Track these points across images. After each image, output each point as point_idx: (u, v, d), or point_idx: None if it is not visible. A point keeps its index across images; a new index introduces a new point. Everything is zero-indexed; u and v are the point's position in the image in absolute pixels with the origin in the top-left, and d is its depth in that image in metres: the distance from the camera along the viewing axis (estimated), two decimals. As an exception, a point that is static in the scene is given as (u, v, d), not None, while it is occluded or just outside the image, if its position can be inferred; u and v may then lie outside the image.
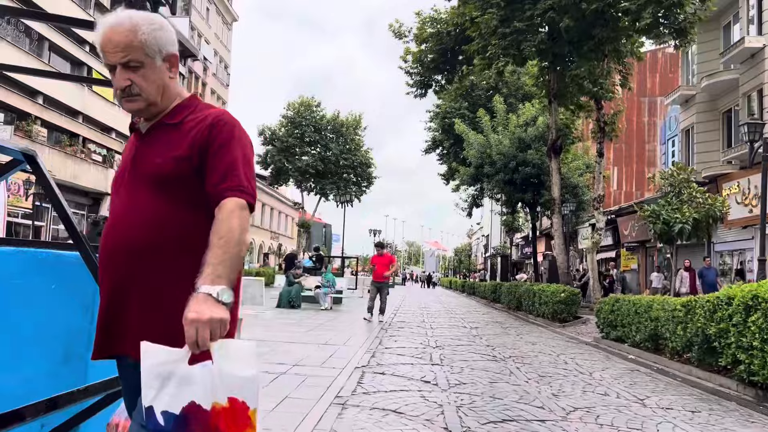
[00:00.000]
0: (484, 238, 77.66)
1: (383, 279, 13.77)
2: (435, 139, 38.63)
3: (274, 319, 12.74)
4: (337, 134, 49.89)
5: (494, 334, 12.25)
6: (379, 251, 14.34)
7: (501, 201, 29.75)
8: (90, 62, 28.67)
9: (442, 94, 28.26)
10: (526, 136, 25.50)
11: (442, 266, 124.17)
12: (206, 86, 43.91)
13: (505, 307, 23.34)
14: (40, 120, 24.90)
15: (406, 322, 14.24)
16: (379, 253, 14.28)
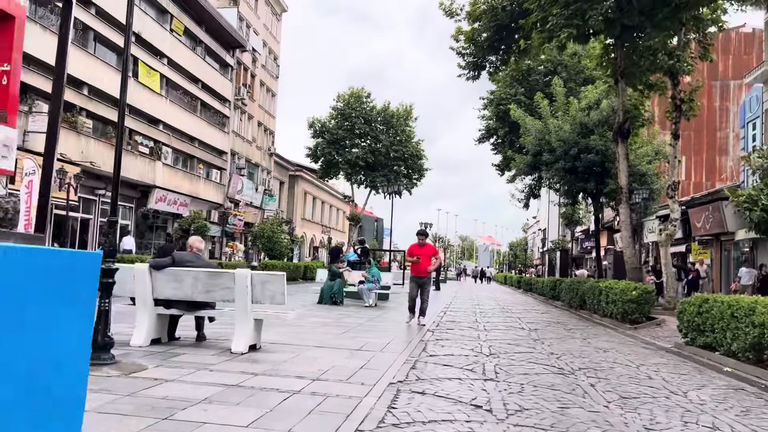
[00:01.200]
0: (541, 232, 75.05)
1: (425, 274, 11.62)
2: (489, 127, 36.94)
3: (308, 317, 11.59)
4: (387, 126, 48.61)
5: (557, 338, 10.73)
6: (421, 240, 11.94)
7: (560, 191, 27.85)
8: (136, 53, 28.30)
9: (497, 76, 26.57)
10: (588, 120, 23.62)
11: (497, 261, 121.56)
12: (255, 78, 43.40)
13: (565, 305, 21.59)
14: (85, 111, 24.62)
15: (457, 322, 12.85)
16: (421, 242, 11.90)
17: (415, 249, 11.79)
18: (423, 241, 11.97)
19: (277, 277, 6.72)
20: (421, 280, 11.62)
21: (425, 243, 12.03)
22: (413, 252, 11.73)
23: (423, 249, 11.72)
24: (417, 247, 11.80)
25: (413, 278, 11.75)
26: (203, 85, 35.07)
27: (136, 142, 28.53)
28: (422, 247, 11.78)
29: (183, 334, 7.77)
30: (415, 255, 11.58)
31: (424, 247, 11.83)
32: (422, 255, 11.54)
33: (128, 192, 28.94)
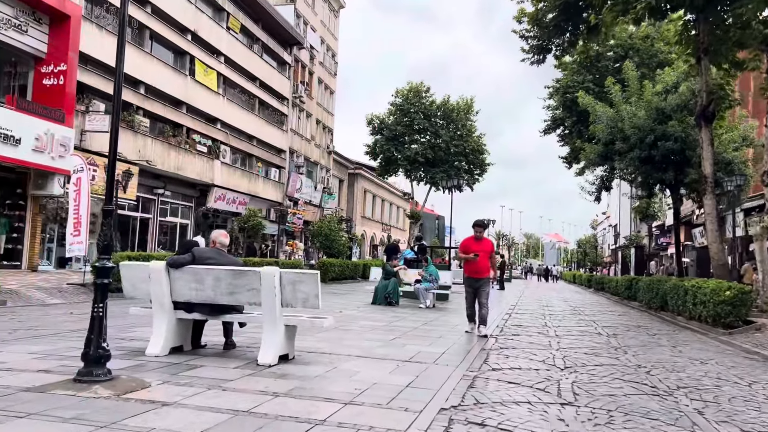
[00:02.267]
0: (612, 228, 71.70)
1: (484, 274, 9.53)
2: (555, 117, 35.06)
3: (358, 319, 10.60)
4: (447, 120, 47.27)
5: (642, 346, 9.31)
6: (478, 233, 9.77)
7: (635, 183, 25.85)
8: (193, 51, 28.21)
9: (563, 60, 24.96)
10: (665, 105, 21.65)
11: (564, 259, 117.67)
12: (313, 75, 42.99)
13: (643, 306, 19.81)
14: (142, 110, 24.59)
15: (524, 326, 11.56)
16: (478, 236, 9.73)
17: (471, 244, 9.66)
18: (480, 235, 9.81)
19: (310, 277, 5.73)
20: (477, 282, 9.53)
21: (483, 237, 9.87)
22: (469, 247, 9.63)
23: (480, 244, 9.63)
24: (473, 241, 9.69)
25: (468, 280, 9.67)
26: (261, 83, 34.83)
27: (193, 140, 28.43)
28: (479, 241, 9.68)
29: (211, 340, 6.92)
30: (471, 251, 9.52)
31: (482, 242, 9.71)
32: (480, 251, 9.48)
33: (187, 191, 28.92)
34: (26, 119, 17.91)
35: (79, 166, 15.21)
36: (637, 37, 31.53)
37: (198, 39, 28.56)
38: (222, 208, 30.34)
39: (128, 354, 6.00)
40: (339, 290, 22.42)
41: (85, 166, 15.43)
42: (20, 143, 17.58)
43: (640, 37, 31.61)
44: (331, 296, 18.18)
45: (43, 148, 18.44)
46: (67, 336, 7.28)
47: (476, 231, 9.85)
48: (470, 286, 9.69)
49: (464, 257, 9.80)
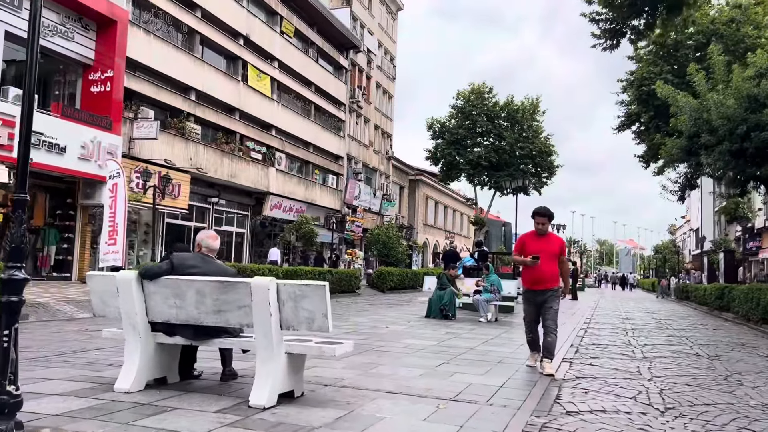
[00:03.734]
0: (692, 233, 67.06)
1: (550, 284, 6.77)
2: (630, 113, 32.46)
3: (404, 336, 9.09)
4: (511, 121, 45.30)
5: (758, 372, 7.38)
6: (541, 227, 6.94)
7: (724, 180, 23.16)
8: (245, 56, 27.62)
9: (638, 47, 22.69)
10: (759, 91, 19.07)
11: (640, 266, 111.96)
12: (371, 79, 41.94)
13: (739, 318, 17.38)
14: (193, 117, 24.06)
15: (603, 346, 9.75)
16: (540, 230, 6.96)
17: (530, 242, 6.96)
18: (544, 229, 6.97)
19: (315, 290, 4.31)
20: (540, 295, 6.77)
21: (547, 232, 7.04)
22: (526, 246, 6.95)
23: (543, 242, 6.88)
24: (533, 238, 6.98)
25: (527, 293, 7.00)
26: (316, 88, 34.01)
27: (247, 147, 27.77)
28: (542, 238, 6.93)
29: (213, 367, 5.61)
30: (529, 252, 6.81)
31: (546, 240, 6.93)
32: (542, 252, 6.74)
33: (242, 199, 28.28)
34: (72, 127, 17.49)
35: (116, 172, 14.49)
36: (720, 22, 28.71)
37: (250, 43, 27.96)
38: (279, 216, 29.55)
39: (94, 389, 4.76)
40: (395, 301, 21.00)
41: (122, 171, 14.69)
42: (66, 151, 17.14)
43: (724, 22, 28.76)
44: (384, 308, 16.77)
45: (90, 156, 17.99)
46: (41, 363, 6.15)
47: (537, 222, 6.92)
48: (530, 302, 6.91)
49: (520, 261, 6.99)
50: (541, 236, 6.99)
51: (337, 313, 14.25)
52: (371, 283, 29.00)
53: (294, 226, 26.69)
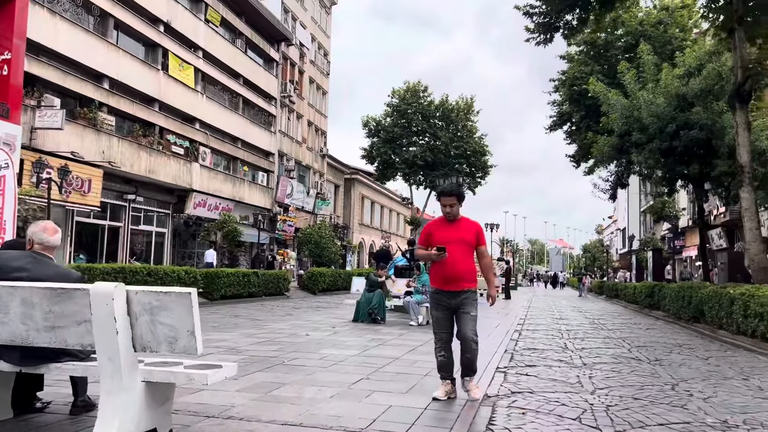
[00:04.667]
0: (619, 232, 69.07)
1: (464, 284, 5.18)
2: (561, 112, 32.61)
3: (325, 345, 8.08)
4: (446, 121, 45.13)
5: (703, 379, 6.80)
6: (449, 210, 5.28)
7: (653, 179, 23.35)
8: (166, 44, 25.90)
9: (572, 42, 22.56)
10: (687, 90, 19.21)
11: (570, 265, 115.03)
12: (304, 74, 40.66)
13: (670, 316, 17.29)
14: (106, 107, 22.23)
15: (539, 351, 9.07)
16: (449, 215, 5.31)
17: (437, 230, 5.31)
18: (454, 212, 5.28)
19: (178, 299, 3.26)
20: (455, 298, 5.16)
21: (458, 216, 5.34)
22: (432, 236, 5.28)
23: (454, 229, 5.25)
24: (440, 226, 5.34)
25: (437, 295, 5.27)
26: (245, 80, 32.49)
27: (168, 141, 26.05)
28: (451, 225, 5.29)
29: (67, 394, 4.45)
30: (435, 243, 5.19)
31: (457, 226, 5.28)
32: (453, 242, 5.16)
33: (163, 197, 26.52)
34: (-41, 114, 15.54)
35: (4, 162, 12.79)
36: (648, 24, 29.17)
37: (172, 31, 26.25)
38: (203, 215, 27.93)
39: None
40: (325, 303, 19.97)
41: (12, 162, 13.02)
42: (-50, 141, 15.19)
43: (652, 24, 29.25)
44: (311, 312, 15.72)
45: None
46: None
47: (444, 205, 5.26)
48: (441, 306, 5.22)
49: (424, 255, 5.30)
50: (451, 222, 5.27)
51: (257, 318, 13.10)
52: (302, 285, 27.84)
53: (216, 224, 25.16)
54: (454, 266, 5.14)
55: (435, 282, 5.29)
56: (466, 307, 5.16)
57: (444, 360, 5.22)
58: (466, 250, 5.24)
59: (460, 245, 5.19)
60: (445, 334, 5.25)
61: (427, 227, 5.45)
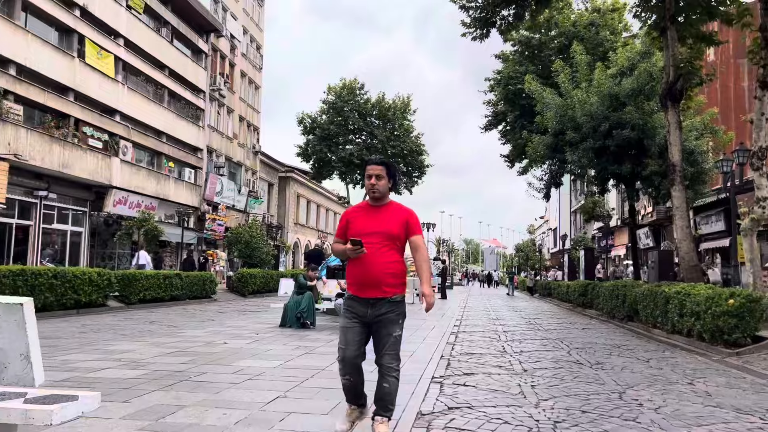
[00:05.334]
0: (551, 232, 70.65)
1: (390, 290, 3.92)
2: (496, 112, 32.65)
3: (244, 355, 7.20)
4: (383, 120, 44.60)
5: (649, 385, 6.38)
6: (374, 182, 4.02)
7: (586, 178, 23.55)
8: (82, 29, 24.12)
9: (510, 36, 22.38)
10: (620, 90, 19.34)
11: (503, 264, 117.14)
12: (235, 67, 39.16)
13: (604, 315, 17.28)
14: (13, 95, 20.39)
15: (477, 355, 8.52)
16: (377, 192, 4.05)
17: (358, 217, 4.12)
18: (381, 191, 4.06)
19: (6, 313, 2.41)
20: (374, 308, 3.94)
21: (386, 198, 4.13)
22: (351, 225, 4.10)
23: (378, 217, 4.05)
24: (362, 212, 4.15)
25: (352, 303, 4.02)
26: (171, 71, 30.83)
27: (85, 134, 24.26)
28: (377, 211, 4.09)
29: None
30: (353, 234, 4.01)
31: (383, 213, 4.07)
32: (375, 233, 3.96)
33: (79, 193, 24.69)
34: None
35: None
36: (581, 25, 29.55)
37: (89, 16, 24.48)
38: (125, 213, 26.21)
39: None
40: (253, 306, 18.95)
41: None
42: None
43: (584, 25, 29.65)
44: (235, 316, 14.72)
45: None
46: None
47: (369, 176, 4.08)
48: (354, 317, 3.99)
49: (339, 250, 4.12)
50: (377, 208, 4.04)
51: (174, 325, 12.04)
52: (231, 287, 26.60)
53: (135, 223, 23.59)
54: (374, 266, 3.86)
55: (350, 286, 4.04)
56: (387, 325, 3.89)
57: (349, 382, 3.95)
58: (391, 245, 3.94)
59: (384, 238, 3.92)
60: (352, 351, 3.86)
61: (345, 214, 4.23)
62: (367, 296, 3.92)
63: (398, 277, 3.98)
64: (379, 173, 4.03)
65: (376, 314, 3.92)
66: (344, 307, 4.08)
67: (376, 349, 3.96)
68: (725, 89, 30.93)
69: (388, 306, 3.92)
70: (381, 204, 4.08)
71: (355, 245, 3.86)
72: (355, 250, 3.86)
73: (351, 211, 4.22)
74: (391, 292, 3.92)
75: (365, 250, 3.85)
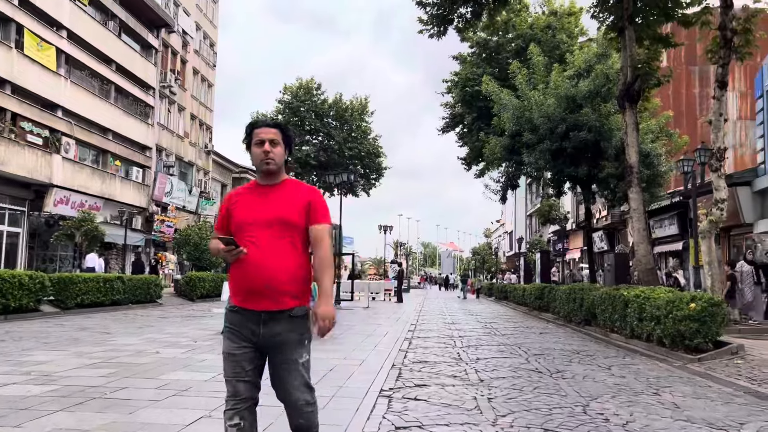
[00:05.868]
0: (507, 236, 71.14)
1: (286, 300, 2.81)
2: (454, 114, 32.41)
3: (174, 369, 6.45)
4: (340, 121, 44.02)
5: (613, 395, 5.94)
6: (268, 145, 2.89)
7: (542, 181, 23.42)
8: (20, 19, 22.76)
9: (467, 35, 22.13)
10: (577, 92, 19.23)
11: (460, 267, 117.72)
12: (186, 64, 37.91)
13: (560, 319, 17.02)
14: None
15: (431, 364, 7.98)
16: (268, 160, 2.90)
17: (242, 203, 2.95)
18: (275, 160, 2.92)
19: None
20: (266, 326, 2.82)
21: (281, 179, 2.98)
22: (232, 212, 2.96)
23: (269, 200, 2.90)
24: (248, 195, 2.98)
25: (235, 316, 2.87)
26: (118, 66, 29.54)
27: (23, 129, 22.89)
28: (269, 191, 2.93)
29: None
30: (235, 224, 2.91)
31: (276, 194, 2.92)
32: (259, 223, 2.84)
33: (17, 192, 23.27)
34: None
35: None
36: (538, 28, 29.55)
37: (28, 5, 23.15)
38: (66, 213, 24.84)
39: None
40: (198, 312, 18.05)
41: None
42: None
43: (541, 28, 29.66)
44: (177, 322, 13.85)
45: None
46: None
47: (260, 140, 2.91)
48: (238, 337, 2.86)
49: (212, 248, 2.92)
50: (268, 186, 2.94)
51: (107, 331, 11.16)
52: (179, 291, 25.50)
53: (74, 223, 22.34)
54: (265, 266, 2.77)
55: (234, 294, 2.90)
56: (286, 349, 2.82)
57: (236, 427, 2.80)
58: (289, 237, 2.84)
59: (279, 227, 2.83)
60: (243, 383, 2.81)
61: (226, 199, 3.06)
62: (254, 308, 2.79)
63: (299, 282, 2.82)
64: (273, 138, 2.89)
65: (269, 335, 2.79)
66: (227, 324, 2.87)
67: (275, 383, 2.85)
68: (677, 95, 31.47)
69: (287, 323, 2.79)
70: (274, 182, 2.92)
71: (229, 245, 2.72)
72: (230, 251, 2.73)
73: (233, 195, 3.03)
74: (289, 303, 2.79)
75: (244, 251, 2.74)
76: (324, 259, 2.87)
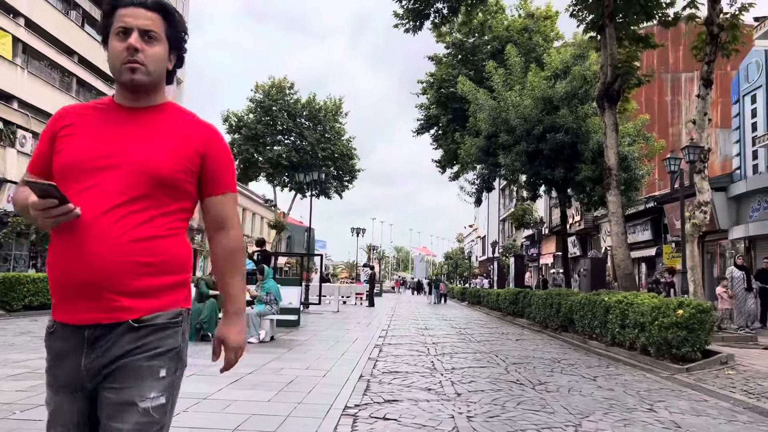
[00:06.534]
0: (480, 240, 70.94)
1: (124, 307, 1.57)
2: (429, 116, 31.86)
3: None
4: (314, 121, 43.19)
5: (605, 412, 5.33)
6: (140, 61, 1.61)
7: (518, 183, 22.98)
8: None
9: (443, 31, 21.62)
10: (554, 93, 18.84)
11: (433, 272, 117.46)
12: (154, 59, 36.69)
13: (536, 324, 16.48)
14: None
15: (402, 374, 7.28)
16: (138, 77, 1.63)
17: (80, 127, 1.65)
18: (144, 80, 1.64)
19: None
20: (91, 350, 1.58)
21: (157, 101, 1.72)
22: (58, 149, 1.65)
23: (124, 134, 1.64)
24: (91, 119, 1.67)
25: (53, 340, 1.64)
26: (80, 58, 28.35)
27: (-27, 121, 21.65)
28: (123, 117, 1.66)
29: None
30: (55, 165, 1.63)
31: (138, 125, 1.66)
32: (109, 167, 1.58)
33: (-34, 187, 22.01)
34: None
35: None
36: (514, 30, 29.22)
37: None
38: (21, 210, 23.56)
39: None
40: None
41: None
42: None
43: (518, 30, 29.35)
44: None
45: None
46: None
47: (125, 29, 1.62)
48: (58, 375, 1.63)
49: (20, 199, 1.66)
50: (135, 109, 1.69)
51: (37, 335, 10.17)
52: None
53: (24, 219, 21.12)
54: (102, 242, 1.55)
55: (52, 297, 1.66)
56: (123, 385, 1.58)
57: None
58: (154, 197, 1.62)
59: (140, 178, 1.61)
60: None
61: (56, 116, 1.74)
62: (78, 321, 1.60)
63: (165, 267, 1.64)
64: (149, 27, 1.66)
65: (101, 364, 1.59)
66: (46, 358, 1.68)
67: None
68: (650, 103, 31.41)
69: (129, 340, 1.59)
70: (146, 104, 1.71)
71: (47, 198, 1.49)
72: (49, 208, 1.50)
73: (69, 111, 1.72)
74: (143, 306, 1.60)
75: (77, 211, 1.53)
76: (232, 251, 1.77)
